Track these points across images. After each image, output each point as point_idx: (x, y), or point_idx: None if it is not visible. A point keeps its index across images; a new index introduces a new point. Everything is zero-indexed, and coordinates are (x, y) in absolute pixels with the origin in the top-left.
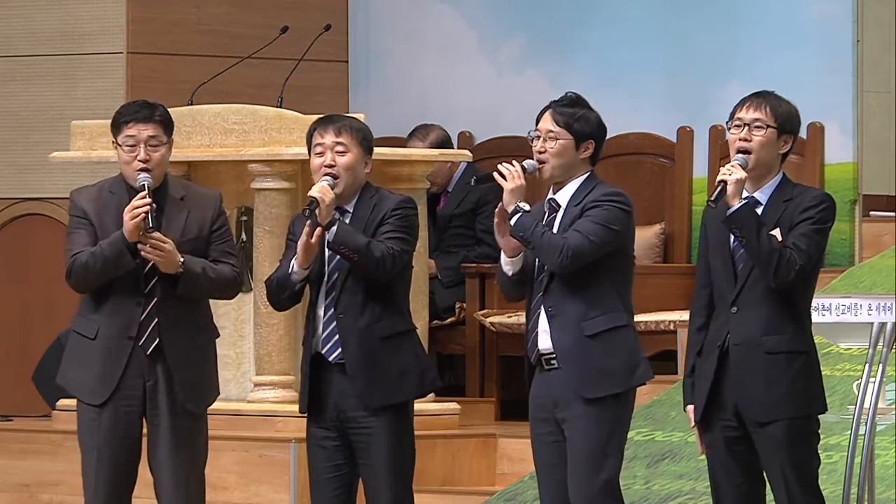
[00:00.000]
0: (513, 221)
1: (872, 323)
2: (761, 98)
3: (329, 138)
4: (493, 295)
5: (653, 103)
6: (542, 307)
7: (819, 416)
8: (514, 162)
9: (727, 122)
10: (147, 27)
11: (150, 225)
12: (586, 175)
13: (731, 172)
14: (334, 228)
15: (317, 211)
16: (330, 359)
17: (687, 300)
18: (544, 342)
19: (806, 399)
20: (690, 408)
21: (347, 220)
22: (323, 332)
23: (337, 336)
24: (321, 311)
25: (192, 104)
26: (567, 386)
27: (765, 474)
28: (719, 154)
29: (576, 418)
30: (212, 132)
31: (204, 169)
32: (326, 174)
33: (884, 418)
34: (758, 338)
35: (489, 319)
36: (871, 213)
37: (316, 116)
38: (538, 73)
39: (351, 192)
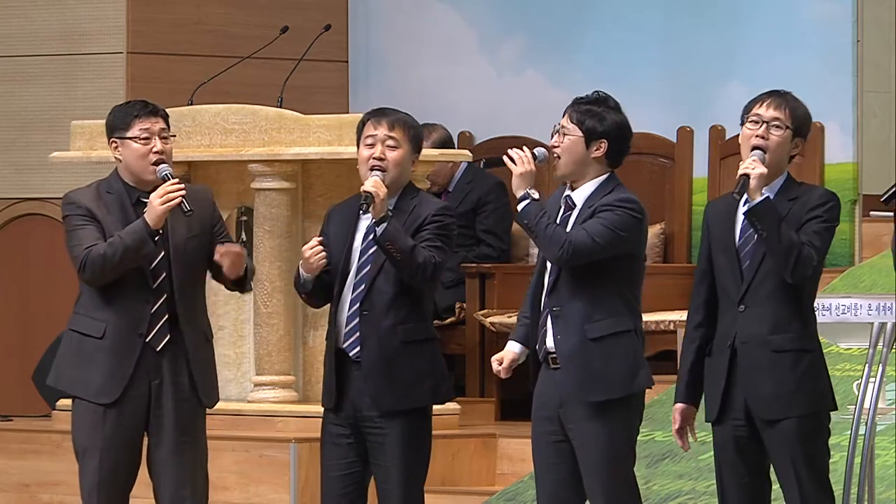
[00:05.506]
0: (520, 207)
1: (872, 323)
2: (781, 98)
3: (382, 131)
4: (493, 295)
5: (653, 103)
6: (548, 306)
7: (830, 413)
8: (524, 148)
9: (743, 116)
10: (147, 27)
11: (188, 208)
12: (605, 176)
13: (754, 167)
14: (384, 224)
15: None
16: (350, 355)
17: (687, 300)
18: (551, 340)
19: (815, 397)
20: (678, 406)
21: None
22: (346, 326)
23: (358, 333)
24: (346, 306)
25: (192, 104)
26: (570, 387)
27: (774, 474)
28: (719, 154)
29: (581, 421)
30: (212, 132)
31: (204, 169)
32: (375, 167)
33: (884, 418)
34: (765, 336)
35: (489, 319)
36: (871, 213)
37: (316, 116)
38: (538, 73)
39: (394, 189)
